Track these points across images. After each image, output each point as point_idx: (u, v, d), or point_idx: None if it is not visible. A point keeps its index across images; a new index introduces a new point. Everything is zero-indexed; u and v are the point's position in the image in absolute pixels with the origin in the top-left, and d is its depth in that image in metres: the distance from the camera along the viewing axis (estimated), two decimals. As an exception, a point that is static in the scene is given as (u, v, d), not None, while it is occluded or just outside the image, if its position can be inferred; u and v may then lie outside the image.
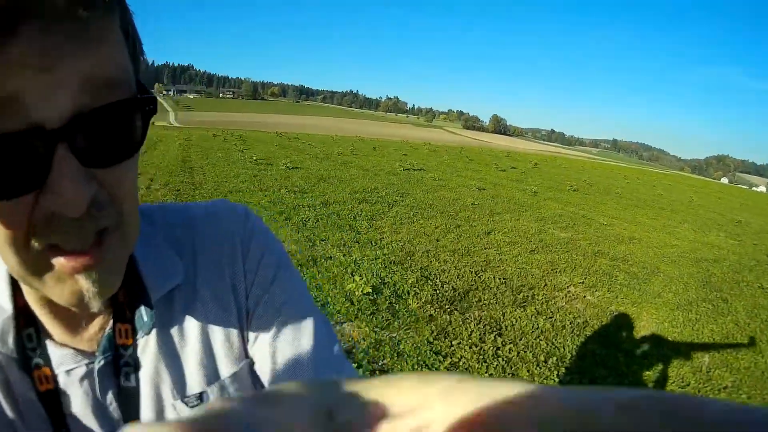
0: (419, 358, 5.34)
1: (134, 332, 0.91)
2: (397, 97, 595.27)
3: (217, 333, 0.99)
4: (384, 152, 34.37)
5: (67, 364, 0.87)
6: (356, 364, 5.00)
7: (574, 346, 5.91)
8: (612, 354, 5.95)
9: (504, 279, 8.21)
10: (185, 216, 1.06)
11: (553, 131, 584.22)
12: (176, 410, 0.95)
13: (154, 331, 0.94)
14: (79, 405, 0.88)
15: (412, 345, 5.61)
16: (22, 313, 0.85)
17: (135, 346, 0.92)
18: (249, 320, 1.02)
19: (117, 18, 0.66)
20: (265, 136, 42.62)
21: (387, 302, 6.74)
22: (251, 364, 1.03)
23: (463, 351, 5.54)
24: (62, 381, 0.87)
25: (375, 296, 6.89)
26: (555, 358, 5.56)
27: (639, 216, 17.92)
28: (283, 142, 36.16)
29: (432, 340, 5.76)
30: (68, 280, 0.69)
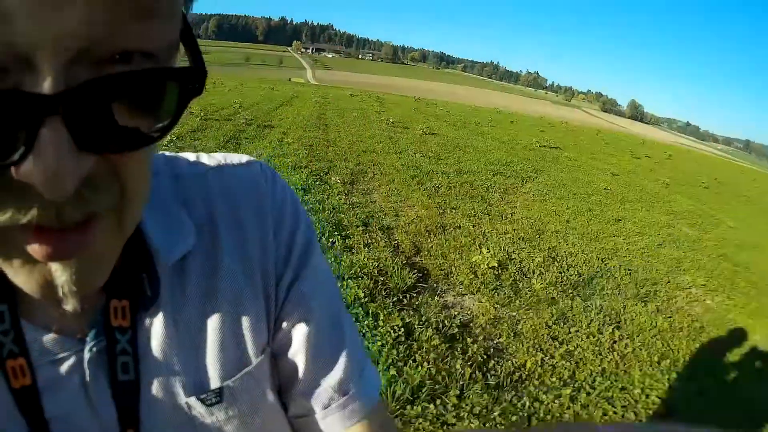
0: (535, 341, 5.31)
1: (134, 311, 0.74)
2: (537, 73, 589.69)
3: (245, 312, 0.85)
4: (521, 126, 34.10)
5: (50, 353, 0.70)
6: (471, 339, 5.05)
7: (689, 351, 5.75)
8: (723, 365, 5.77)
9: (629, 270, 8.06)
10: (197, 166, 0.89)
11: (688, 124, 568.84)
12: (190, 409, 0.79)
13: (162, 308, 0.77)
14: (66, 405, 0.71)
15: (530, 326, 5.58)
16: None
17: (134, 328, 0.75)
18: (278, 308, 0.90)
19: None
20: (403, 100, 42.90)
21: (511, 279, 6.73)
22: (273, 353, 0.91)
23: (579, 340, 5.49)
24: (44, 375, 0.69)
25: (500, 271, 6.89)
26: (668, 361, 5.42)
27: (765, 223, 17.12)
28: (420, 107, 36.33)
29: (551, 324, 5.72)
30: (39, 266, 0.55)
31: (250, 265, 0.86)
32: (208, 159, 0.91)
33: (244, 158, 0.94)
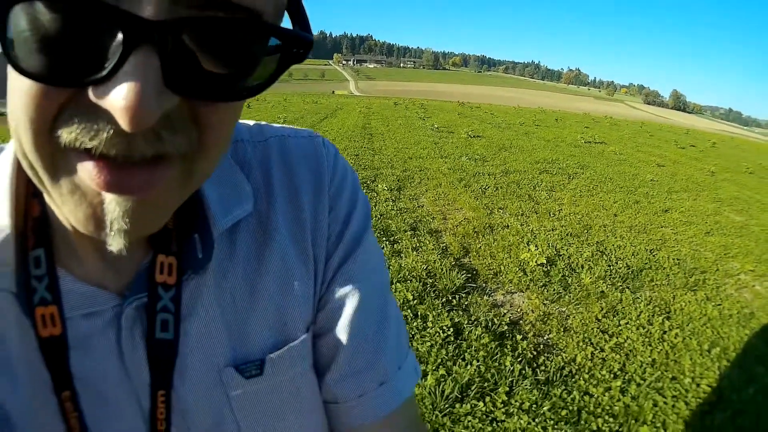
0: (585, 335, 5.29)
1: (180, 270, 0.72)
2: (578, 69, 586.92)
3: (292, 287, 0.82)
4: (566, 124, 33.87)
5: (86, 305, 0.68)
6: (521, 336, 5.07)
7: (738, 338, 5.65)
8: None
9: (677, 260, 7.98)
10: (259, 133, 0.87)
11: (730, 110, 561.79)
12: (226, 379, 0.76)
13: (209, 272, 0.75)
14: (95, 361, 0.68)
15: (580, 321, 5.57)
16: (32, 230, 0.66)
17: (179, 287, 0.72)
18: (324, 287, 0.87)
19: None
20: (447, 105, 42.83)
21: (560, 275, 6.71)
22: (314, 332, 0.87)
23: (629, 332, 5.45)
24: (76, 327, 0.67)
25: (548, 268, 6.90)
26: (718, 349, 5.32)
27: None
28: (465, 111, 36.27)
29: (600, 318, 5.70)
30: (91, 196, 0.52)
31: (303, 239, 0.84)
32: (270, 128, 0.90)
33: (307, 132, 0.92)
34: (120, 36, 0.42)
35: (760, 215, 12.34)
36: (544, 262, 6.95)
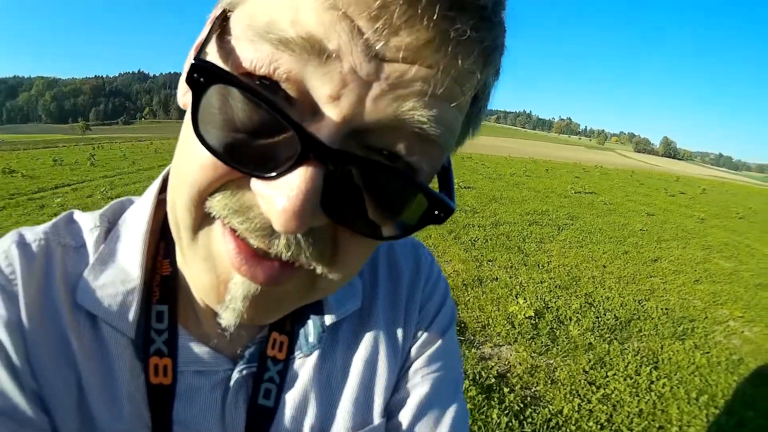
0: (573, 387, 5.31)
1: (290, 348, 0.83)
2: (570, 118, 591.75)
3: (380, 373, 0.89)
4: (556, 174, 33.96)
5: (200, 364, 0.77)
6: (508, 389, 5.06)
7: (727, 385, 5.68)
8: (763, 395, 5.63)
9: (666, 309, 8.04)
10: None
11: (720, 155, 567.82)
12: None
13: (314, 354, 0.85)
14: (197, 414, 0.76)
15: (568, 373, 5.59)
16: (158, 286, 0.76)
17: (287, 363, 0.82)
18: (401, 373, 0.93)
19: (482, 69, 0.54)
20: (438, 156, 42.93)
21: (548, 327, 6.74)
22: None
23: (617, 383, 5.47)
24: (186, 381, 0.76)
25: (537, 320, 6.92)
26: (706, 396, 5.41)
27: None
28: (455, 162, 36.26)
29: (588, 370, 5.72)
30: (221, 269, 0.59)
31: (395, 334, 0.93)
32: None
33: (410, 240, 1.03)
34: (296, 148, 0.48)
35: (749, 260, 12.44)
36: (533, 314, 6.97)
